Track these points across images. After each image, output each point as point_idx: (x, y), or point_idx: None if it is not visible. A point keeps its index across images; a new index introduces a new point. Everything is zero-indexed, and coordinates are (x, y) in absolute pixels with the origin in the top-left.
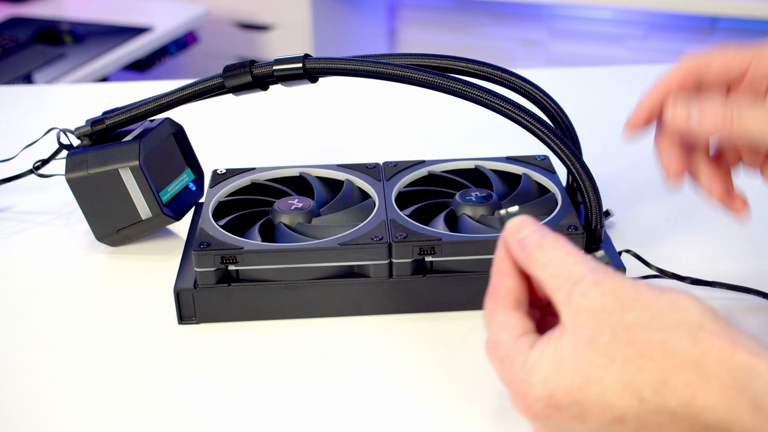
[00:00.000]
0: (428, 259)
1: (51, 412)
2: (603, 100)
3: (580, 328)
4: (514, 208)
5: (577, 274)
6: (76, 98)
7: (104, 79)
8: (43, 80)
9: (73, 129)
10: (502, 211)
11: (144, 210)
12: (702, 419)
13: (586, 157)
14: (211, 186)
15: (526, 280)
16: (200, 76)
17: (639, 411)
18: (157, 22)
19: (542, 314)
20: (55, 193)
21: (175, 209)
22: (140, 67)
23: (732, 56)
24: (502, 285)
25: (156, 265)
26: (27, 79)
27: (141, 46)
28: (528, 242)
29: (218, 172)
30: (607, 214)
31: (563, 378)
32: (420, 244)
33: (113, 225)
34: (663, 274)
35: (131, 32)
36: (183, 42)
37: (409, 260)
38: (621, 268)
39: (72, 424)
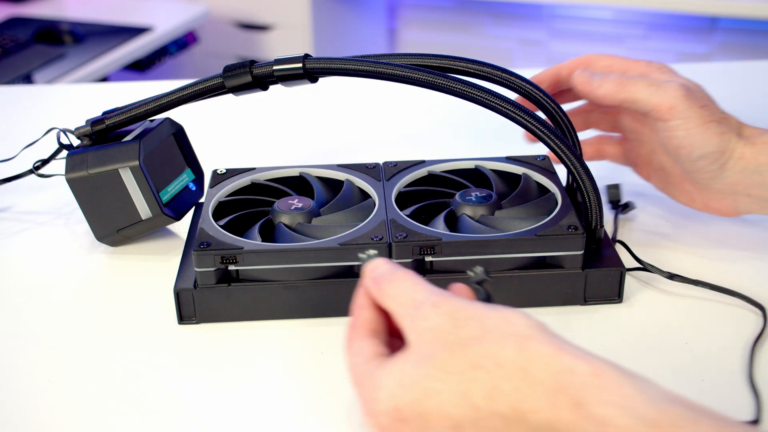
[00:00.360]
0: (428, 259)
1: (51, 412)
2: None
3: (422, 346)
4: (373, 252)
5: (419, 299)
6: (76, 98)
7: (104, 79)
8: (43, 80)
9: (73, 129)
10: (362, 255)
11: (144, 210)
12: (530, 421)
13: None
14: (211, 186)
15: (385, 314)
16: (200, 76)
17: (474, 418)
18: (157, 22)
19: (402, 344)
20: (55, 193)
21: (175, 209)
22: (140, 67)
23: (616, 57)
24: (360, 316)
25: (156, 265)
26: (27, 79)
27: (141, 46)
28: (380, 279)
29: (218, 172)
30: (627, 206)
31: (406, 392)
32: (420, 244)
33: (113, 225)
34: (648, 269)
35: (131, 32)
36: (183, 42)
37: (409, 260)
38: (621, 267)
39: (72, 424)
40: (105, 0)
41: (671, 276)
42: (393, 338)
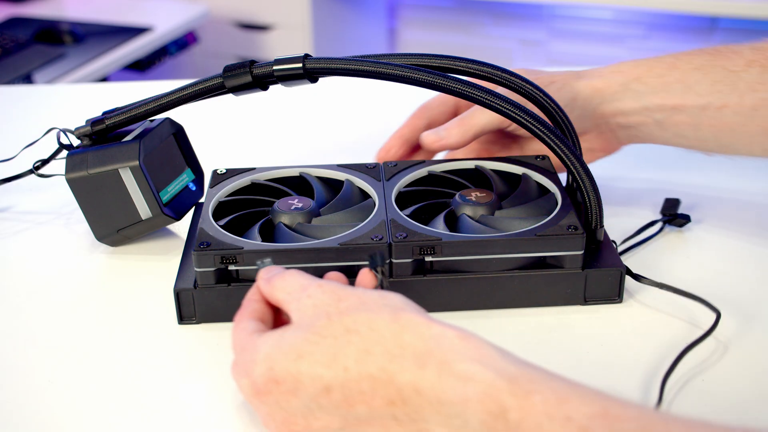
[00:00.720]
0: (428, 259)
1: (51, 412)
2: None
3: (303, 318)
4: (268, 260)
5: (305, 283)
6: (76, 98)
7: (104, 79)
8: (43, 80)
9: (73, 129)
10: (258, 262)
11: (144, 210)
12: (397, 382)
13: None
14: (211, 186)
15: (273, 309)
16: (200, 76)
17: (343, 379)
18: (157, 22)
19: None
20: (55, 193)
21: (175, 209)
22: (140, 67)
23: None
24: (248, 307)
25: (156, 265)
26: (27, 79)
27: (141, 46)
28: (272, 277)
29: (218, 172)
30: (686, 217)
31: (281, 353)
32: (420, 244)
33: (113, 225)
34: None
35: (131, 32)
36: (183, 42)
37: (409, 260)
38: (621, 267)
39: (72, 424)
40: (105, 0)
41: (637, 277)
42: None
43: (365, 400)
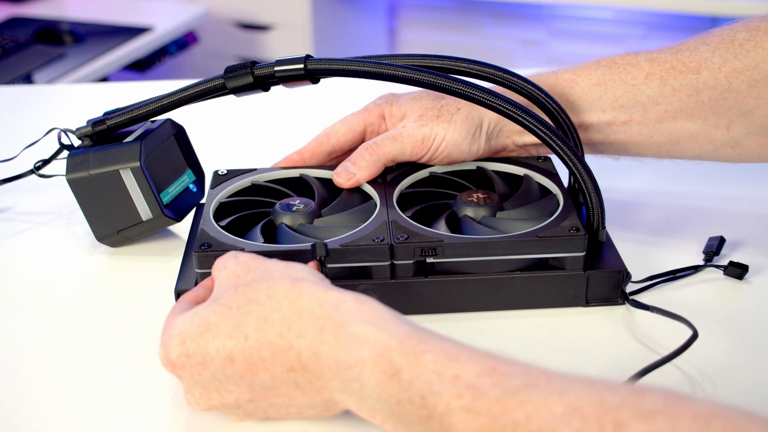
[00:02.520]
0: (430, 260)
1: (51, 412)
2: None
3: (217, 292)
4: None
5: (227, 258)
6: (76, 98)
7: (104, 79)
8: (43, 80)
9: (74, 129)
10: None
11: (145, 211)
12: (296, 347)
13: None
14: (212, 187)
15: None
16: (200, 76)
17: (244, 347)
18: (157, 22)
19: None
20: (56, 193)
21: (175, 210)
22: (140, 67)
23: (351, 119)
24: (193, 291)
25: (156, 266)
26: (27, 79)
27: (141, 46)
28: (218, 258)
29: (219, 172)
30: (743, 267)
31: (192, 327)
32: (421, 246)
33: (114, 226)
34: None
35: (131, 32)
36: (183, 42)
37: (411, 261)
38: (623, 269)
39: (72, 424)
40: (105, 0)
41: (635, 303)
42: None
43: (266, 368)
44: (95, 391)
